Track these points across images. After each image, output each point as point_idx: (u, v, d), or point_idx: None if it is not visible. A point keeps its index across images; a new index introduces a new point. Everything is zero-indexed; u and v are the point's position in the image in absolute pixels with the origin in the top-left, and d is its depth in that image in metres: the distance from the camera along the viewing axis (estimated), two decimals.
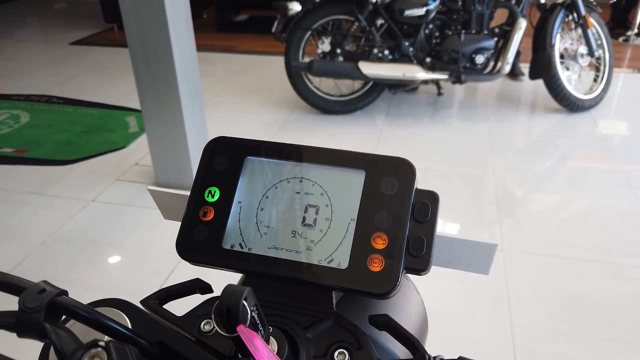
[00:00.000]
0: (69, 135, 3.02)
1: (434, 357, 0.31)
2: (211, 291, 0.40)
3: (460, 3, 2.98)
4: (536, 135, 3.09)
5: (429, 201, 0.36)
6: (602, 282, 1.88)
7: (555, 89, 3.06)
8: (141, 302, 0.38)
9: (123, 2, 2.10)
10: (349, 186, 0.36)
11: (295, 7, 2.94)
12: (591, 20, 3.06)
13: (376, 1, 2.91)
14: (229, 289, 0.27)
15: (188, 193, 0.41)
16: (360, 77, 3.02)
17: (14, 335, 0.30)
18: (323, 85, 3.27)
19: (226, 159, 0.39)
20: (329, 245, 0.36)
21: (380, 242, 0.35)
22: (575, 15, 3.04)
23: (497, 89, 3.69)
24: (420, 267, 0.34)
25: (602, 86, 3.22)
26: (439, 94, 3.53)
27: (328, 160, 0.37)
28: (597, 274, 1.92)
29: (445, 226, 2.20)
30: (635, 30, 4.72)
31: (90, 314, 0.30)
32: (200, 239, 0.37)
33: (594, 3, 3.15)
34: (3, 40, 5.05)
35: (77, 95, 3.63)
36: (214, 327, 0.36)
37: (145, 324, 0.34)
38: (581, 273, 1.92)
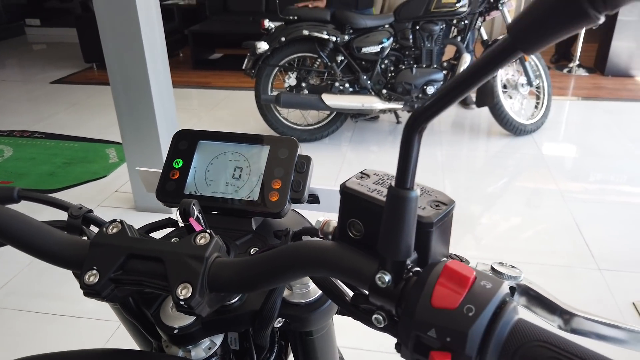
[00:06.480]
0: (51, 166, 3.21)
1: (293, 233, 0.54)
2: (178, 226, 0.63)
3: (411, 41, 3.33)
4: (483, 157, 3.41)
5: (305, 161, 0.60)
6: (533, 280, 2.13)
7: (499, 115, 3.40)
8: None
9: (105, 44, 2.35)
10: (261, 155, 0.61)
11: (263, 46, 3.24)
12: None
13: (336, 40, 3.23)
14: (184, 199, 0.51)
15: None
16: (324, 107, 3.31)
17: None
18: (291, 116, 3.55)
19: (186, 142, 0.63)
20: (248, 188, 0.60)
21: (277, 184, 0.59)
22: None
23: (451, 117, 4.03)
24: (298, 197, 0.59)
25: (542, 112, 3.58)
26: (398, 122, 3.84)
27: (249, 141, 0.62)
28: (530, 273, 2.16)
29: None
30: (577, 62, 5.18)
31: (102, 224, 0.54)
32: (170, 189, 0.61)
33: None
34: None
35: (59, 131, 3.83)
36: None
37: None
38: None
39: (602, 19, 0.24)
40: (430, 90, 3.30)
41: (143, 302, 0.54)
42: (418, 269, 0.36)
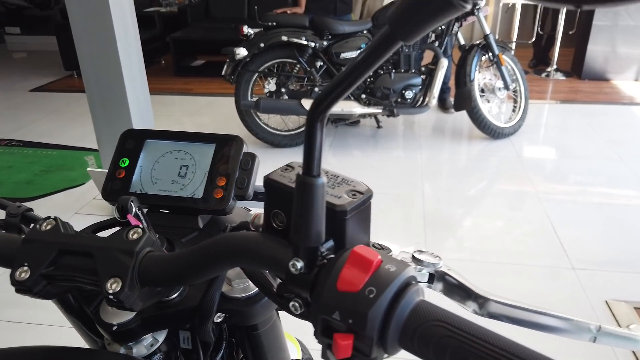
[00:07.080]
0: (28, 175, 3.18)
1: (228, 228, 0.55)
2: (125, 225, 0.63)
3: None
4: (462, 160, 3.44)
5: (250, 158, 0.61)
6: (510, 280, 2.16)
7: (477, 119, 3.44)
8: (80, 231, 0.61)
9: (80, 50, 2.34)
10: (206, 153, 0.62)
11: (242, 52, 3.25)
12: (504, 58, 3.48)
13: (315, 46, 3.26)
14: (122, 196, 0.51)
15: None
16: (304, 112, 3.32)
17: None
18: (271, 121, 3.56)
19: (133, 141, 0.63)
20: (193, 186, 0.60)
21: (221, 182, 0.60)
22: (490, 54, 3.46)
23: (432, 121, 4.07)
24: (243, 193, 0.60)
25: (519, 115, 3.63)
26: (378, 126, 3.87)
27: (195, 139, 0.63)
28: (505, 273, 2.20)
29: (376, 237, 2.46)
30: (555, 67, 5.27)
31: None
32: (116, 188, 0.62)
33: (507, 43, 3.60)
34: None
35: (37, 139, 3.80)
36: None
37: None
38: (493, 273, 2.20)
39: (468, 7, 0.25)
40: (409, 94, 3.34)
41: (83, 300, 0.54)
42: (333, 255, 0.37)
